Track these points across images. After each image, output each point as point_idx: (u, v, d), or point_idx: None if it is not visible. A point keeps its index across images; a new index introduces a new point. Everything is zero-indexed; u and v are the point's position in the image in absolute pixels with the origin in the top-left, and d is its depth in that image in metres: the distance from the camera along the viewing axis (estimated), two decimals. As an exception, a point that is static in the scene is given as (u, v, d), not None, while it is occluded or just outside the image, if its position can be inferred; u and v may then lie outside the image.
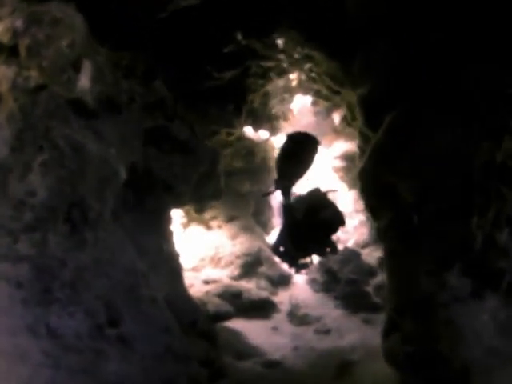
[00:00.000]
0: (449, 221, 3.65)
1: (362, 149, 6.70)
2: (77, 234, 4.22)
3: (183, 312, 5.82)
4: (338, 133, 12.19)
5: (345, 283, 9.19)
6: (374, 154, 4.39)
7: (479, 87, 4.01)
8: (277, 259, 11.55)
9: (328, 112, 12.27)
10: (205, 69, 6.06)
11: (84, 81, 4.49)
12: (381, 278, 9.69)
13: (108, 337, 4.10)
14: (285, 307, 9.32)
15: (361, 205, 12.23)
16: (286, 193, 5.73)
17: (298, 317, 8.80)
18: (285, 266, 11.66)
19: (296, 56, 5.66)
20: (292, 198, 5.89)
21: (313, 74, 6.80)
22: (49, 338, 3.94)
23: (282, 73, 8.68)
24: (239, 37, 5.24)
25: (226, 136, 8.32)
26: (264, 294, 9.55)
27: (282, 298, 9.86)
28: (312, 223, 5.54)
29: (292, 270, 10.78)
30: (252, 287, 9.68)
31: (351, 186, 12.50)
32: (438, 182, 3.84)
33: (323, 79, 5.91)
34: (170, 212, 6.72)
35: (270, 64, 6.08)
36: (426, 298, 3.62)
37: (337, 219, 5.67)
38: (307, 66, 6.11)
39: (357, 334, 7.83)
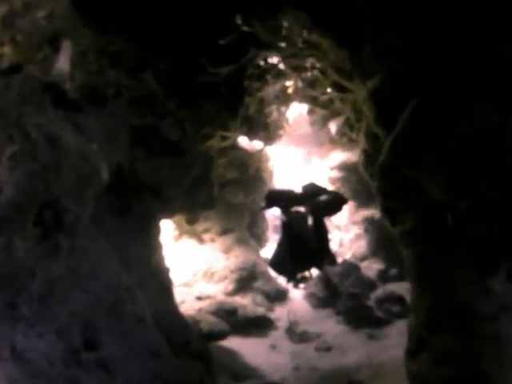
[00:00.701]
0: (489, 218, 3.03)
1: (367, 152, 6.10)
2: (49, 240, 3.51)
3: (174, 331, 5.10)
4: (334, 143, 11.61)
5: (346, 297, 8.50)
6: (393, 149, 3.76)
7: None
8: (273, 273, 10.89)
9: (324, 122, 11.73)
10: (199, 63, 5.45)
11: (63, 63, 3.85)
12: (381, 291, 9.04)
13: (85, 362, 3.38)
14: (283, 324, 8.59)
15: (358, 216, 11.64)
16: (285, 210, 5.85)
17: (297, 334, 8.07)
18: (281, 281, 10.98)
19: (300, 45, 5.08)
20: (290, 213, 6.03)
21: (315, 72, 6.24)
22: (14, 362, 3.22)
23: (279, 75, 8.14)
24: (239, 21, 4.66)
25: (220, 141, 7.68)
26: (260, 310, 8.82)
27: (279, 314, 9.12)
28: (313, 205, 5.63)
29: (290, 285, 10.17)
30: (247, 303, 8.94)
31: (348, 198, 11.85)
32: (472, 175, 3.22)
33: (328, 74, 5.32)
34: (159, 221, 6.01)
35: (272, 54, 5.48)
36: (466, 309, 2.99)
37: (338, 199, 6.04)
38: (310, 60, 5.52)
39: (361, 350, 7.12)
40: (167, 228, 10.38)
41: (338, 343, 7.52)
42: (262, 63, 7.68)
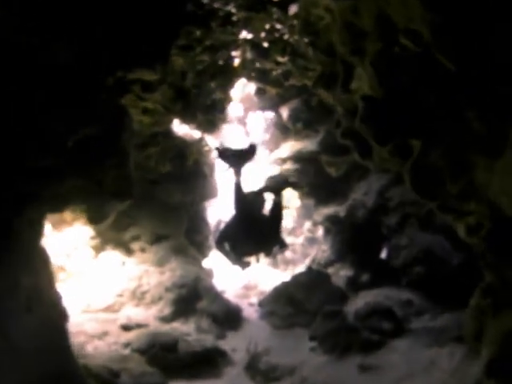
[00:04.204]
0: None
1: (370, 99, 3.87)
2: None
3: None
4: (286, 131, 9.37)
5: (322, 316, 6.14)
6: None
7: None
8: (220, 288, 8.41)
9: (275, 106, 9.46)
10: None
11: None
12: (363, 303, 6.74)
13: None
14: (240, 356, 6.08)
15: (318, 215, 9.40)
16: (238, 170, 5.29)
17: (261, 370, 5.62)
18: (229, 296, 8.53)
19: None
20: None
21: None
22: None
23: (227, 22, 5.76)
24: None
25: (140, 99, 5.15)
26: (208, 339, 6.25)
27: (234, 342, 6.60)
28: None
29: (243, 303, 7.90)
30: (190, 331, 6.34)
31: (304, 195, 9.64)
32: None
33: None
34: (40, 217, 3.35)
35: None
36: None
37: None
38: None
39: (358, 391, 4.80)
40: (84, 235, 7.60)
41: (322, 380, 5.14)
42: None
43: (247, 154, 5.48)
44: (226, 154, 5.47)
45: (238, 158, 5.37)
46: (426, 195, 3.59)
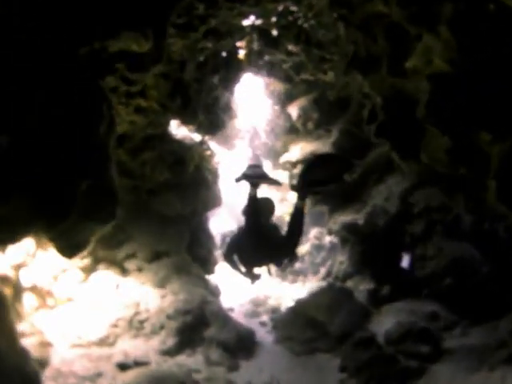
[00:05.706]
0: None
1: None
2: None
3: None
4: (296, 132, 8.48)
5: (353, 345, 5.23)
6: None
7: None
8: (227, 305, 7.54)
9: (283, 106, 8.57)
10: None
11: None
12: (392, 324, 5.79)
13: None
14: (257, 392, 5.18)
15: (333, 223, 8.52)
16: (254, 183, 4.80)
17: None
18: (238, 315, 7.65)
19: None
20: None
21: None
22: None
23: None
24: None
25: (125, 82, 4.21)
26: (219, 373, 5.33)
27: (248, 373, 5.64)
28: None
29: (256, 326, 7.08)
30: (199, 365, 5.41)
31: (316, 202, 8.75)
32: None
33: None
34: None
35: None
36: None
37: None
38: None
39: None
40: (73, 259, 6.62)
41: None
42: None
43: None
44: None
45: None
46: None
